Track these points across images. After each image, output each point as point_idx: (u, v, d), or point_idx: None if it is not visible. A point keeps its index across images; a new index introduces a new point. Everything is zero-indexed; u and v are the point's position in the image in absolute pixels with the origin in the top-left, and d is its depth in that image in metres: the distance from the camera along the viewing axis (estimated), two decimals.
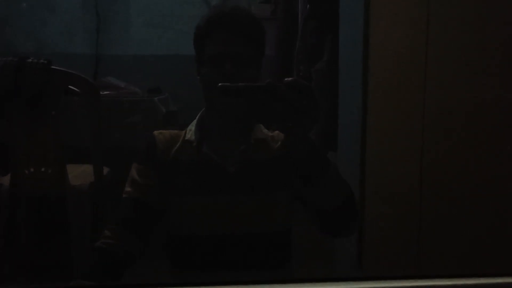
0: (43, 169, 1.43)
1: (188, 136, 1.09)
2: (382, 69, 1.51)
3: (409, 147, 1.38)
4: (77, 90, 1.46)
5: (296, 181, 0.96)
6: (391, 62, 1.48)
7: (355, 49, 1.57)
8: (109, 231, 1.04)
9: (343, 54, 1.75)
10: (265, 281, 0.60)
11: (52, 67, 1.36)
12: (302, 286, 0.60)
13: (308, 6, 1.96)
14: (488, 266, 1.02)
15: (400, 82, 1.44)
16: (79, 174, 1.80)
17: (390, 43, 1.48)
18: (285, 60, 2.16)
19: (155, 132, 1.11)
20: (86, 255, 1.24)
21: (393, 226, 1.43)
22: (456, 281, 0.62)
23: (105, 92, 2.28)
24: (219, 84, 0.78)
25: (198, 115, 1.12)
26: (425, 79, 1.27)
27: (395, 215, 1.42)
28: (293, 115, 0.78)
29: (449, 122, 1.20)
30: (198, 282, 0.61)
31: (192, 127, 1.10)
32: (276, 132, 1.09)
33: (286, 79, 0.79)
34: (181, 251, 1.10)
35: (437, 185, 1.27)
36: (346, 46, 1.72)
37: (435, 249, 1.25)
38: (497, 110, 1.11)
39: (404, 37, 1.43)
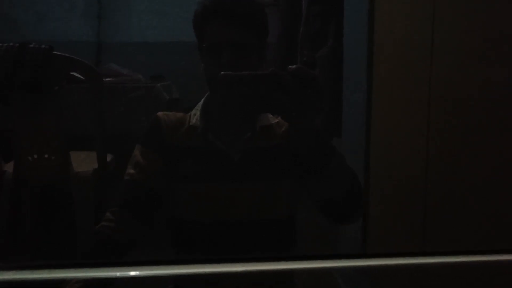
0: (46, 156, 1.43)
1: (193, 121, 1.08)
2: (388, 54, 1.50)
3: (414, 131, 1.37)
4: (81, 77, 1.45)
5: (301, 170, 0.95)
6: (397, 47, 1.46)
7: (360, 34, 1.55)
8: (110, 213, 1.03)
9: (348, 39, 1.73)
10: (269, 259, 0.60)
11: (55, 52, 1.35)
12: (306, 263, 0.60)
13: None
14: (494, 243, 1.02)
15: (406, 67, 1.42)
16: (83, 161, 1.80)
17: (396, 27, 1.46)
18: (288, 46, 2.14)
19: (160, 114, 1.10)
20: (89, 240, 1.24)
21: (398, 204, 1.43)
22: (462, 258, 0.62)
23: (107, 79, 2.27)
24: (222, 72, 0.77)
25: (203, 99, 1.10)
26: (432, 63, 1.26)
27: (400, 193, 1.41)
28: (298, 104, 0.77)
29: (455, 104, 1.19)
30: (202, 259, 0.61)
31: (197, 111, 1.09)
32: None
33: (290, 67, 0.78)
34: (185, 237, 1.10)
35: (443, 167, 1.26)
36: (351, 31, 1.71)
37: (441, 227, 1.25)
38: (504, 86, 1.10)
39: (410, 21, 1.41)
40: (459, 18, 1.16)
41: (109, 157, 1.75)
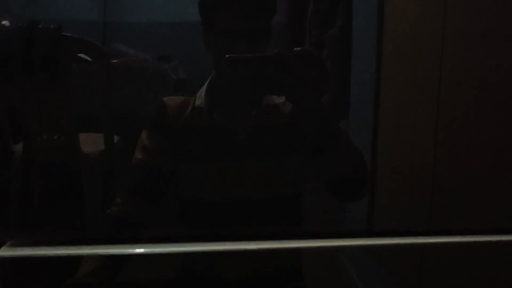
0: (56, 137, 1.43)
1: (198, 102, 1.08)
2: (397, 35, 1.49)
3: (423, 112, 1.37)
4: (89, 59, 1.44)
5: (306, 150, 0.96)
6: (406, 27, 1.45)
7: (369, 15, 1.54)
8: (120, 198, 1.05)
9: (357, 19, 1.71)
10: (277, 237, 0.61)
11: (63, 33, 1.34)
12: (313, 241, 0.61)
13: None
14: (501, 224, 1.02)
15: (415, 48, 1.41)
16: (90, 142, 1.81)
17: (406, 8, 1.45)
18: (297, 26, 2.12)
19: (165, 98, 1.12)
20: (98, 221, 1.26)
21: (405, 183, 1.43)
22: (468, 238, 0.63)
23: (114, 60, 2.26)
24: (227, 55, 0.77)
25: (208, 80, 1.11)
26: (442, 44, 1.25)
27: (407, 173, 1.42)
28: (302, 85, 0.78)
29: (466, 88, 1.19)
30: (215, 236, 0.62)
31: (201, 92, 1.10)
32: None
33: (295, 48, 0.78)
34: (193, 217, 1.11)
35: (451, 148, 1.26)
36: (360, 11, 1.69)
37: (448, 206, 1.26)
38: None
39: (420, 1, 1.40)
40: None
41: (116, 139, 1.75)
